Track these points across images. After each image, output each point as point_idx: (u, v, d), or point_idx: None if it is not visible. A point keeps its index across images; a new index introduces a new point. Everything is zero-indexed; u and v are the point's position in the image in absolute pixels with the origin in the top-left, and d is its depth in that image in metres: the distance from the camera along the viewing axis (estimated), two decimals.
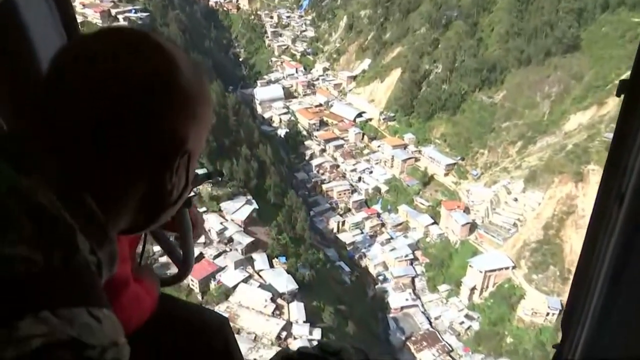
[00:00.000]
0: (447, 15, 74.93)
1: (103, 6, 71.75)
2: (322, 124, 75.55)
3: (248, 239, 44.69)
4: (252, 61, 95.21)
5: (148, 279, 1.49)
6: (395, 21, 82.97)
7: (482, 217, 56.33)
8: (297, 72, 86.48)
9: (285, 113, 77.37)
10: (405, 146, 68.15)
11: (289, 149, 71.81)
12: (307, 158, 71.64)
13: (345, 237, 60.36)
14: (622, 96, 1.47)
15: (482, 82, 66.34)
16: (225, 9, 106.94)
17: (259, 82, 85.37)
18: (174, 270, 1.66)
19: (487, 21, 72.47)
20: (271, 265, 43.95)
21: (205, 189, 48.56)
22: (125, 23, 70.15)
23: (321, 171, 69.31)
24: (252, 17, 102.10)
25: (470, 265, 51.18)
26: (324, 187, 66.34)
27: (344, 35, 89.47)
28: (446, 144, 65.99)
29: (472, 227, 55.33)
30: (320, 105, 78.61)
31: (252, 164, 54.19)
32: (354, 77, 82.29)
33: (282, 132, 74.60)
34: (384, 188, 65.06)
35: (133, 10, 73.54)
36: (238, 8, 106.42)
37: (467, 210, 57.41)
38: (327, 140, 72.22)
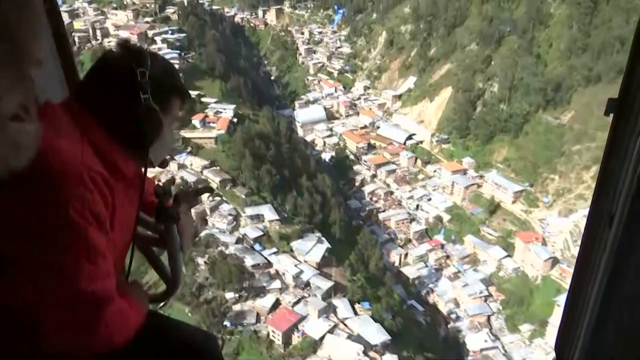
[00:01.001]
0: (499, 30, 73.41)
1: (139, 28, 70.37)
2: (370, 147, 73.71)
3: (327, 283, 42.54)
4: (284, 80, 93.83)
5: (135, 295, 1.54)
6: (440, 37, 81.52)
7: (560, 249, 54.10)
8: (336, 91, 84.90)
9: (329, 136, 75.61)
10: (464, 171, 66.14)
11: (338, 175, 69.90)
12: (357, 184, 69.69)
13: (409, 271, 58.08)
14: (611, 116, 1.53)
15: (547, 102, 64.52)
16: (252, 25, 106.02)
17: (296, 102, 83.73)
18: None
19: (544, 36, 70.89)
20: (354, 312, 41.71)
21: (274, 227, 46.61)
22: (164, 46, 68.81)
23: (374, 198, 67.30)
24: (282, 33, 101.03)
25: (557, 304, 48.79)
26: (381, 216, 64.23)
27: (384, 51, 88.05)
28: (510, 169, 63.96)
29: (554, 261, 53.07)
30: (366, 126, 76.88)
31: (315, 197, 52.19)
32: (399, 96, 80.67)
33: (326, 156, 72.79)
34: (445, 217, 62.92)
35: (170, 32, 72.17)
36: (265, 24, 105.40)
37: (543, 242, 55.21)
38: (378, 165, 70.31)
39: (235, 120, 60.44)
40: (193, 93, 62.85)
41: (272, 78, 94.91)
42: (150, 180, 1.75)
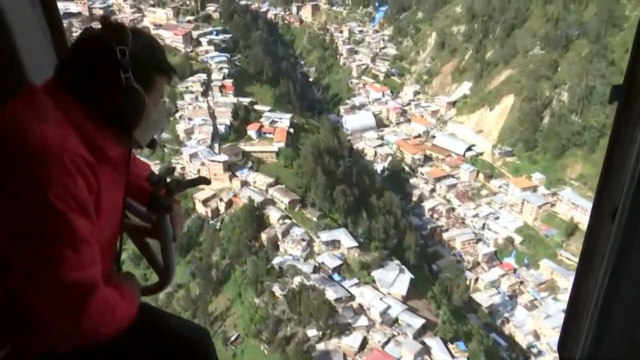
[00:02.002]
0: (566, 33, 70.26)
1: (183, 28, 67.49)
2: (426, 158, 70.83)
3: (417, 320, 39.83)
4: (324, 82, 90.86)
5: (127, 286, 1.54)
6: (497, 39, 78.44)
7: None
8: (383, 95, 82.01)
9: (380, 145, 72.73)
10: (534, 188, 63.21)
11: (393, 189, 67.09)
12: (415, 199, 66.86)
13: (481, 298, 55.20)
14: (616, 104, 1.51)
15: None
16: (286, 22, 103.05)
17: (341, 107, 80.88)
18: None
19: (619, 40, 67.68)
20: (450, 354, 39.01)
21: (353, 255, 43.89)
22: (211, 48, 66.03)
23: (435, 215, 64.45)
24: (319, 31, 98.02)
25: None
26: (445, 236, 61.41)
27: (434, 53, 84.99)
28: (587, 187, 60.90)
29: None
30: (420, 135, 74.00)
31: (388, 219, 49.42)
32: (453, 103, 77.69)
33: (378, 167, 69.94)
34: (516, 238, 60.03)
35: (214, 32, 69.29)
36: (301, 21, 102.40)
37: None
38: (437, 179, 67.41)
39: (291, 130, 57.75)
40: (245, 100, 60.08)
41: (311, 80, 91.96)
42: (144, 165, 1.79)
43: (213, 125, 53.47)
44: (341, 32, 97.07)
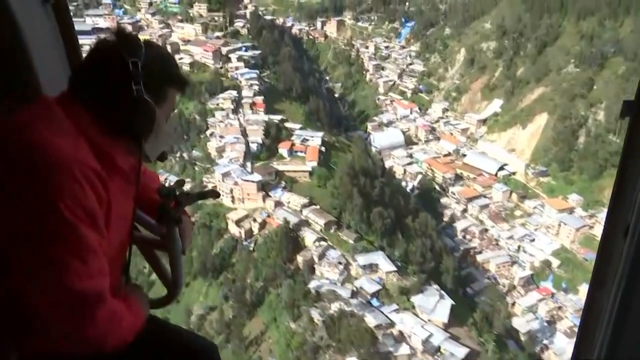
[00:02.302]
0: (602, 51, 69.14)
1: (213, 44, 67.65)
2: (457, 177, 69.72)
3: (460, 349, 38.62)
4: (350, 98, 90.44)
5: (134, 298, 1.55)
6: (528, 56, 77.52)
7: None
8: (411, 112, 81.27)
9: (409, 163, 71.79)
10: (571, 210, 61.74)
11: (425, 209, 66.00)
12: (446, 219, 65.68)
13: (519, 323, 53.61)
14: (628, 119, 1.50)
15: None
16: (311, 37, 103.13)
17: (369, 124, 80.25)
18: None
19: None
20: None
21: (391, 279, 42.92)
22: (241, 64, 66.05)
23: (468, 236, 63.15)
24: (345, 46, 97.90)
25: None
26: (479, 258, 60.06)
27: (463, 70, 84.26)
28: None
29: None
30: (449, 154, 72.97)
31: (425, 241, 48.39)
32: (484, 121, 76.67)
33: (408, 186, 68.94)
34: (553, 261, 58.50)
35: (243, 48, 69.38)
36: (325, 36, 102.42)
37: None
38: (469, 199, 66.20)
39: (322, 149, 57.22)
40: (275, 118, 59.80)
41: (337, 96, 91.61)
42: (154, 177, 1.81)
43: (245, 143, 53.08)
44: (367, 47, 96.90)
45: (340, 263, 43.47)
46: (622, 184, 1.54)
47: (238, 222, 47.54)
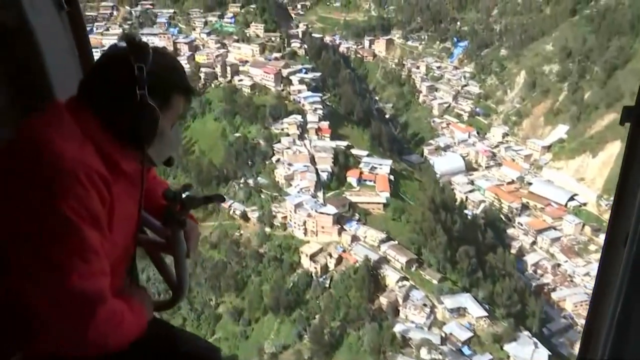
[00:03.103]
0: None
1: (274, 66, 66.32)
2: (523, 207, 66.72)
3: None
4: (402, 119, 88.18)
5: (137, 300, 1.58)
6: (596, 80, 74.43)
7: None
8: (469, 136, 78.68)
9: (471, 191, 69.03)
10: None
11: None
12: (514, 252, 62.63)
13: None
14: (629, 126, 1.52)
15: None
16: (359, 55, 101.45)
17: (425, 148, 77.85)
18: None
19: None
20: None
21: (481, 325, 40.28)
22: (302, 87, 64.54)
23: (539, 271, 60.01)
24: (395, 66, 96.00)
25: None
26: (553, 295, 56.86)
27: (524, 93, 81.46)
28: None
29: None
30: (513, 181, 70.07)
31: (509, 281, 45.66)
32: (548, 147, 73.64)
33: (469, 215, 66.13)
34: None
35: (304, 70, 67.89)
36: (374, 55, 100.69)
37: None
38: (539, 231, 63.10)
39: (391, 177, 55.09)
40: (341, 144, 57.95)
41: (387, 117, 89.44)
42: (162, 183, 1.84)
43: (315, 172, 51.24)
44: (418, 67, 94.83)
45: (425, 305, 41.01)
46: (623, 192, 1.54)
47: (312, 257, 45.50)
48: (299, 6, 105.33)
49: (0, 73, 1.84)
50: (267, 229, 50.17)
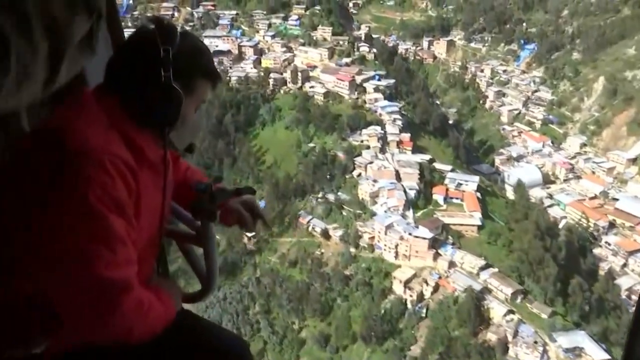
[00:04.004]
0: None
1: (347, 72, 63.25)
2: (610, 225, 62.15)
3: None
4: (467, 125, 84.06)
5: (167, 290, 1.56)
6: None
7: None
8: (543, 146, 74.16)
9: (550, 205, 64.71)
10: None
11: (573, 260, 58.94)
12: (602, 274, 58.36)
13: None
14: None
15: None
16: (418, 57, 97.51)
17: (496, 157, 73.72)
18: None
19: None
20: None
21: None
22: (378, 95, 61.36)
23: (634, 297, 55.63)
24: (458, 69, 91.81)
25: None
26: None
27: (603, 101, 76.40)
28: None
29: None
30: (596, 196, 65.45)
31: (620, 315, 41.77)
32: (634, 160, 68.72)
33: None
34: None
35: (377, 77, 64.65)
36: (434, 57, 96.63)
37: None
38: (630, 252, 58.56)
39: (478, 195, 51.57)
40: (424, 157, 54.66)
41: (450, 122, 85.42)
42: (194, 171, 1.83)
43: (403, 190, 48.12)
44: (482, 71, 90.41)
45: (536, 342, 37.60)
46: None
47: (406, 283, 42.48)
48: (350, 4, 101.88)
49: None
50: (352, 249, 47.35)
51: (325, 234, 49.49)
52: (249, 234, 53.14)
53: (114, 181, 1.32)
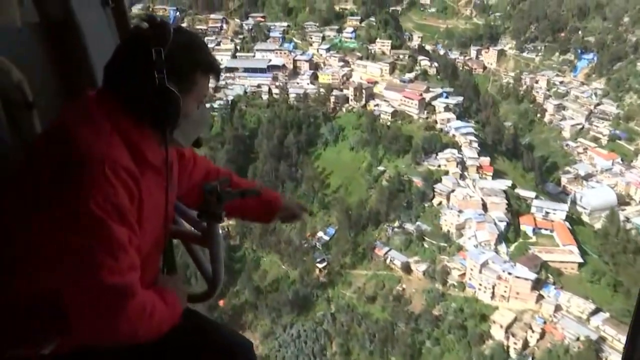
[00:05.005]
0: None
1: (414, 89, 59.66)
2: None
3: None
4: (525, 141, 79.81)
5: (170, 291, 1.56)
6: None
7: None
8: (613, 164, 69.84)
9: (628, 230, 60.50)
10: None
11: None
12: None
13: None
14: None
15: None
16: (467, 67, 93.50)
17: (563, 176, 69.50)
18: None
19: None
20: None
21: None
22: (450, 115, 57.66)
23: None
24: (510, 80, 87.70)
25: None
26: None
27: None
28: None
29: None
30: None
31: None
32: None
33: None
34: None
35: (444, 94, 60.98)
36: (484, 67, 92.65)
37: None
38: None
39: (568, 224, 47.71)
40: (505, 182, 50.88)
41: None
42: (204, 161, 1.83)
43: (493, 222, 44.43)
44: (537, 82, 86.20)
45: None
46: None
47: (507, 328, 38.83)
48: (390, 11, 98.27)
49: (46, 66, 1.85)
50: (438, 286, 43.81)
51: (407, 268, 46.01)
52: (321, 265, 50.04)
53: (115, 189, 1.29)
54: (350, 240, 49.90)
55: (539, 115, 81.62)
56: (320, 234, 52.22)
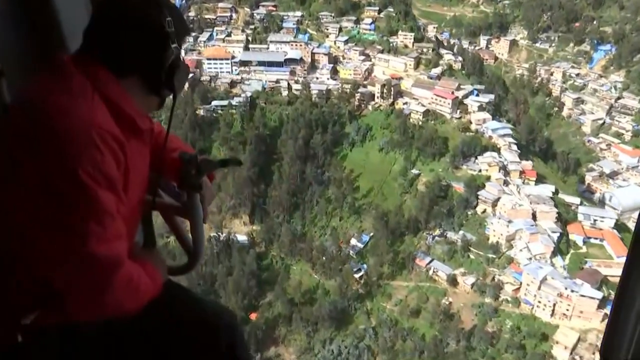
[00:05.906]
0: None
1: (446, 87, 56.41)
2: None
3: None
4: (542, 135, 77.52)
5: (152, 263, 1.54)
6: None
7: None
8: (639, 161, 68.03)
9: None
10: None
11: None
12: None
13: None
14: None
15: None
16: (479, 58, 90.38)
17: (587, 174, 67.45)
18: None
19: None
20: None
21: None
22: (485, 115, 54.57)
23: None
24: (523, 71, 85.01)
25: None
26: None
27: None
28: None
29: None
30: None
31: None
32: None
33: None
34: None
35: (475, 92, 57.88)
36: (496, 58, 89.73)
37: None
38: None
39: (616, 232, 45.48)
40: (549, 187, 48.19)
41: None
42: (174, 139, 1.75)
43: (547, 233, 41.83)
44: (552, 74, 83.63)
45: None
46: None
47: (573, 349, 36.50)
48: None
49: (11, 32, 1.77)
50: (489, 300, 41.22)
51: (452, 280, 43.25)
52: (357, 275, 47.05)
53: (102, 156, 1.26)
54: (388, 248, 46.90)
55: (556, 109, 79.13)
56: (353, 241, 49.11)
